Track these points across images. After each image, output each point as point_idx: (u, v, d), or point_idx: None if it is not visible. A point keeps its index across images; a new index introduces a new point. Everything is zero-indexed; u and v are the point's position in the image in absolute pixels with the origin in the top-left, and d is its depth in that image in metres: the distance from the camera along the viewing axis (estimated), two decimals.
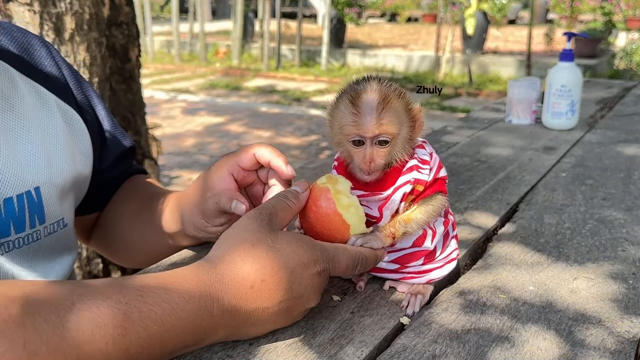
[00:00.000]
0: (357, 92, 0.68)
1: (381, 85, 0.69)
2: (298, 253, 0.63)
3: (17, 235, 0.75)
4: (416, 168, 0.72)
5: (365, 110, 0.67)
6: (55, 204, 0.81)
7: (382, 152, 0.69)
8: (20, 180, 0.76)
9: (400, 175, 0.72)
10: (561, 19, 10.57)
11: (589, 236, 0.99)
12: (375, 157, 0.69)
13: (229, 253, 0.63)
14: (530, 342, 0.68)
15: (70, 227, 0.86)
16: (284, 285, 0.62)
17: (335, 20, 9.38)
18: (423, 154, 0.73)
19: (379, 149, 0.69)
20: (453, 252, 0.79)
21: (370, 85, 0.69)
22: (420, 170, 0.72)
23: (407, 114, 0.70)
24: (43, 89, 0.85)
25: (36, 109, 0.82)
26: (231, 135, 5.27)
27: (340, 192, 0.69)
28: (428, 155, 0.74)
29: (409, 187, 0.71)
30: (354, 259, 0.67)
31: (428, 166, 0.72)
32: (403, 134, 0.70)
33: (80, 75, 0.94)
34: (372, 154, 0.69)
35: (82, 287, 0.56)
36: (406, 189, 0.71)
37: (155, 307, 0.56)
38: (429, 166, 0.73)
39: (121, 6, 2.09)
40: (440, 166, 0.75)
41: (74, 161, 0.86)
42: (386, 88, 0.69)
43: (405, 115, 0.70)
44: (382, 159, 0.69)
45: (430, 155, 0.74)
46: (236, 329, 0.62)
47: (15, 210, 0.74)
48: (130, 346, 0.54)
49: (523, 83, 1.82)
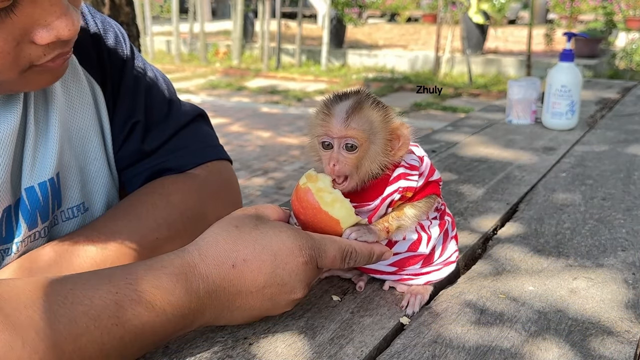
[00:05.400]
0: (334, 97, 0.70)
1: (360, 95, 0.69)
2: (281, 237, 0.64)
3: (43, 224, 0.74)
4: (404, 176, 0.71)
5: (335, 111, 0.68)
6: (75, 187, 0.78)
7: (349, 158, 0.68)
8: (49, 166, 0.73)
9: (388, 185, 0.71)
10: (561, 19, 10.57)
11: (589, 236, 0.99)
12: (341, 160, 0.68)
13: (213, 235, 0.64)
14: (530, 342, 0.68)
15: (93, 211, 0.82)
16: (266, 269, 0.62)
17: (335, 20, 9.38)
18: (412, 159, 0.72)
19: (345, 154, 0.68)
20: (452, 255, 0.79)
21: (350, 94, 0.70)
22: (408, 178, 0.71)
23: (384, 126, 0.69)
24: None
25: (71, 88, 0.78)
26: (231, 135, 5.27)
27: (322, 190, 0.68)
28: (417, 160, 0.72)
29: (397, 195, 0.71)
30: (343, 250, 0.67)
31: (417, 172, 0.71)
32: (376, 147, 0.68)
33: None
34: (337, 157, 0.68)
35: (72, 281, 0.56)
36: (394, 197, 0.71)
37: (145, 293, 0.57)
38: (418, 172, 0.72)
39: (121, 6, 2.09)
40: (433, 169, 0.74)
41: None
42: (364, 98, 0.69)
43: (382, 127, 0.69)
44: (348, 166, 0.68)
45: (420, 160, 0.73)
46: (221, 311, 0.63)
47: (39, 199, 0.72)
48: (125, 335, 0.56)
49: (523, 83, 1.82)
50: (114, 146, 0.83)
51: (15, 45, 0.59)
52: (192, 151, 0.88)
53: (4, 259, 0.70)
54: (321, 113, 0.69)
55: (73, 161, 0.77)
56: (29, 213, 0.70)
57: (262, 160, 4.48)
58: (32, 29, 0.59)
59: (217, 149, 0.91)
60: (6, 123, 0.66)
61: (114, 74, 0.83)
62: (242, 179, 3.95)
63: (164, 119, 0.87)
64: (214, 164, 0.89)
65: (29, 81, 0.65)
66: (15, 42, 0.59)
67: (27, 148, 0.70)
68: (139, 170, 0.85)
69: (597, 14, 9.20)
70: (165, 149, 0.86)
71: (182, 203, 0.82)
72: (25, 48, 0.60)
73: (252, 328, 0.68)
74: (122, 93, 0.83)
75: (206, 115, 0.95)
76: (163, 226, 0.79)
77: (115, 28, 0.85)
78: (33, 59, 0.62)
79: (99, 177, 0.81)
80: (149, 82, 0.87)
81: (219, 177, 0.89)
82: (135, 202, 0.81)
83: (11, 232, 0.70)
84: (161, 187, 0.83)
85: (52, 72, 0.66)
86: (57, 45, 0.62)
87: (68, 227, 0.77)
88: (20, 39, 0.59)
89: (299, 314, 0.72)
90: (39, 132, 0.72)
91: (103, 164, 0.82)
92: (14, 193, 0.69)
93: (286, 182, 3.95)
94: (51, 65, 0.64)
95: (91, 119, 0.80)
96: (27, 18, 0.58)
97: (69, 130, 0.77)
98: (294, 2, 13.65)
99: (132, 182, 0.86)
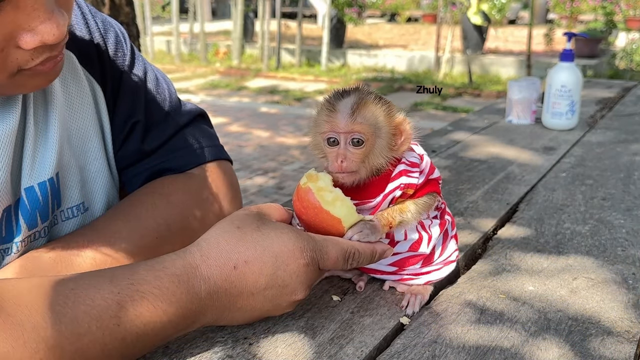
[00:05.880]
0: (336, 94, 0.70)
1: (361, 92, 0.70)
2: (283, 239, 0.64)
3: (43, 224, 0.74)
4: (405, 173, 0.71)
5: (340, 108, 0.68)
6: (74, 187, 0.78)
7: (356, 154, 0.68)
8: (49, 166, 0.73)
9: (389, 182, 0.71)
10: (561, 19, 10.56)
11: (589, 236, 0.99)
12: (348, 157, 0.68)
13: (215, 236, 0.64)
14: (530, 342, 0.68)
15: (93, 211, 0.81)
16: (267, 270, 0.62)
17: (335, 20, 9.38)
18: (412, 156, 0.73)
19: (352, 150, 0.68)
20: (452, 254, 0.79)
21: (351, 91, 0.70)
22: (409, 175, 0.71)
23: (387, 121, 0.70)
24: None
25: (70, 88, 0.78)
26: (231, 135, 5.27)
27: (323, 189, 0.68)
28: (418, 158, 0.73)
29: (399, 192, 0.71)
30: (345, 251, 0.67)
31: (418, 169, 0.72)
32: (381, 141, 0.69)
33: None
34: (344, 153, 0.68)
35: (73, 281, 0.57)
36: (396, 194, 0.71)
37: (146, 294, 0.57)
38: (419, 169, 0.72)
39: (121, 6, 2.09)
40: (433, 168, 0.75)
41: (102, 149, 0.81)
42: (366, 94, 0.69)
43: (386, 122, 0.69)
44: (355, 161, 0.68)
45: (420, 158, 0.73)
46: (222, 312, 0.63)
47: (39, 199, 0.72)
48: (126, 335, 0.56)
49: (523, 83, 1.82)
50: (114, 146, 0.83)
51: (1, 51, 0.58)
52: (192, 151, 0.87)
53: (4, 258, 0.70)
54: (325, 110, 0.69)
55: (73, 161, 0.77)
56: (28, 213, 0.70)
57: (262, 160, 4.48)
58: (16, 33, 0.58)
59: (217, 149, 0.91)
60: (5, 123, 0.66)
61: (114, 74, 0.83)
62: (242, 179, 3.95)
63: (164, 119, 0.87)
64: (214, 164, 0.89)
65: (21, 84, 0.64)
66: (0, 47, 0.58)
67: (26, 148, 0.70)
68: (139, 170, 0.85)
69: (597, 14, 9.20)
70: (165, 149, 0.86)
71: (182, 203, 0.82)
72: (12, 53, 0.59)
73: (252, 328, 0.68)
74: (122, 93, 0.83)
75: (206, 115, 0.95)
76: (163, 226, 0.79)
77: (115, 28, 0.85)
78: (21, 63, 0.61)
79: (99, 177, 0.81)
80: (149, 82, 0.87)
81: (219, 177, 0.88)
82: (135, 202, 0.81)
83: (11, 232, 0.70)
84: (161, 187, 0.83)
85: (43, 75, 0.65)
86: (45, 49, 0.61)
87: (68, 227, 0.77)
88: (5, 44, 0.58)
89: (299, 314, 0.72)
90: (38, 132, 0.72)
91: (103, 163, 0.81)
92: (14, 193, 0.69)
93: (286, 182, 3.95)
94: (41, 68, 0.63)
95: (91, 119, 0.80)
96: (10, 23, 0.57)
97: (69, 130, 0.77)
98: (294, 2, 13.66)
99: (132, 182, 0.86)
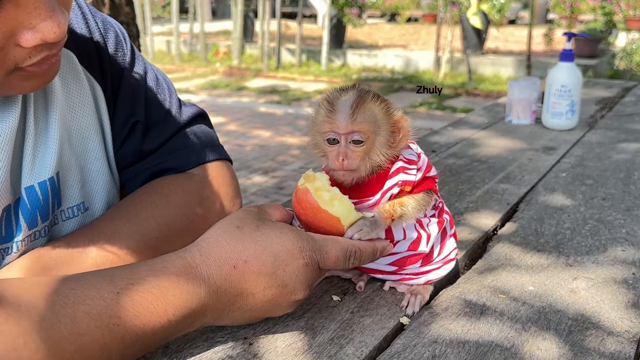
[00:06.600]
0: (335, 93, 0.70)
1: (360, 90, 0.70)
2: (282, 239, 0.64)
3: (43, 224, 0.74)
4: (403, 170, 0.71)
5: (340, 107, 0.68)
6: (74, 187, 0.78)
7: (356, 152, 0.69)
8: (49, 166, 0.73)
9: (387, 179, 0.71)
10: (561, 19, 10.56)
11: (589, 236, 0.99)
12: (349, 155, 0.69)
13: (215, 236, 0.64)
14: (530, 342, 0.68)
15: (93, 211, 0.81)
16: (267, 270, 0.62)
17: (335, 20, 9.38)
18: (410, 154, 0.73)
19: (353, 147, 0.69)
20: (451, 253, 0.79)
21: (349, 89, 0.70)
22: (407, 172, 0.71)
23: (386, 118, 0.70)
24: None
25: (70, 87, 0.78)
26: (231, 134, 5.27)
27: (320, 189, 0.68)
28: (415, 155, 0.73)
29: (397, 189, 0.71)
30: (346, 250, 0.67)
31: (415, 166, 0.72)
32: (381, 138, 0.69)
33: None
34: (345, 152, 0.69)
35: (73, 281, 0.57)
36: (394, 192, 0.71)
37: (146, 294, 0.57)
38: (417, 166, 0.72)
39: (121, 6, 2.09)
40: (430, 166, 0.75)
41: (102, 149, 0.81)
42: (364, 93, 0.69)
43: (385, 119, 0.70)
44: (356, 159, 0.69)
45: (417, 156, 0.74)
46: (222, 312, 0.63)
47: (39, 198, 0.72)
48: (126, 335, 0.56)
49: (523, 83, 1.82)
50: (114, 146, 0.83)
51: (0, 49, 0.58)
52: (192, 151, 0.87)
53: (4, 258, 0.70)
54: (324, 110, 0.70)
55: (73, 161, 0.77)
56: (29, 212, 0.70)
57: (261, 160, 4.48)
58: (17, 31, 0.58)
59: (217, 148, 0.91)
60: (5, 122, 0.66)
61: (114, 74, 0.83)
62: (242, 178, 3.95)
63: (164, 119, 0.87)
64: (214, 164, 0.89)
65: (15, 85, 0.64)
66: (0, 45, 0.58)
67: (26, 147, 0.70)
68: (139, 170, 0.85)
69: (597, 14, 9.20)
70: (165, 149, 0.86)
71: (182, 203, 0.82)
72: (10, 50, 0.59)
73: (252, 328, 0.68)
74: (122, 93, 0.83)
75: (206, 114, 0.95)
76: (163, 226, 0.79)
77: (115, 28, 0.85)
78: (18, 61, 0.61)
79: (99, 176, 0.81)
80: (149, 82, 0.87)
81: (219, 177, 0.88)
82: (135, 202, 0.81)
83: (11, 231, 0.70)
84: (161, 187, 0.83)
85: (38, 77, 0.65)
86: (44, 47, 0.61)
87: (68, 227, 0.77)
88: (4, 42, 0.58)
89: (299, 314, 0.72)
90: (38, 132, 0.72)
91: (103, 163, 0.81)
92: (14, 192, 0.69)
93: (286, 182, 3.95)
94: (37, 70, 0.63)
95: (91, 119, 0.80)
96: (11, 21, 0.57)
97: (69, 129, 0.77)
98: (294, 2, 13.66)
99: (132, 182, 0.86)
